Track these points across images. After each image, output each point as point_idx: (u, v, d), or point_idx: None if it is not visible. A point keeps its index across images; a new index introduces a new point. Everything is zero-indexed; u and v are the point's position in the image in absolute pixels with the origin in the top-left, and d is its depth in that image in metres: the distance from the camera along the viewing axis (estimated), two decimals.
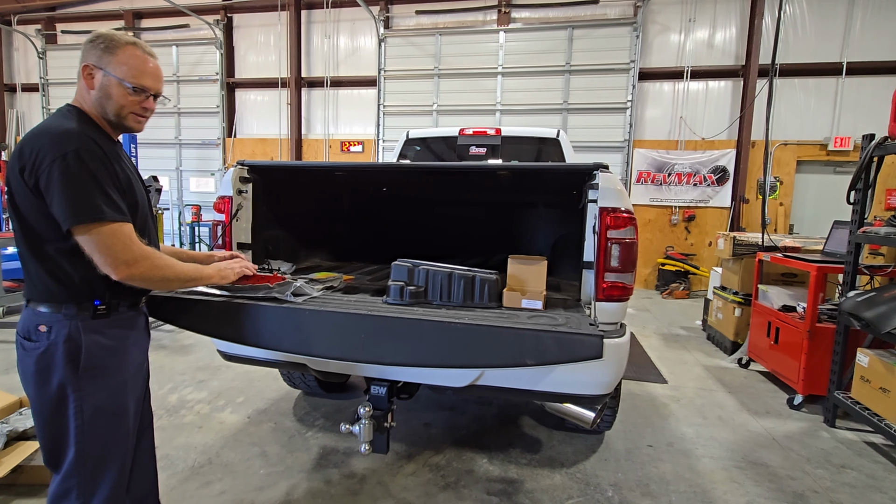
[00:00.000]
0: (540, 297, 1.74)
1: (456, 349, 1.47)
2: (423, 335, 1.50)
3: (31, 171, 1.19)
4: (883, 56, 7.44)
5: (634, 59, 8.16)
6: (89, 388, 1.28)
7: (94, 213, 1.20)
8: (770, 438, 2.98)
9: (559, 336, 1.40)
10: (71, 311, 1.27)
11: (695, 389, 3.76)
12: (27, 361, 1.28)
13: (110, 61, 1.33)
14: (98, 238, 1.21)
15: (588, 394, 1.92)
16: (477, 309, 1.74)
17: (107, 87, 1.33)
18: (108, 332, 1.33)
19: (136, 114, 1.38)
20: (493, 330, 1.44)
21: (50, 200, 1.19)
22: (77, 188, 1.19)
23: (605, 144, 8.42)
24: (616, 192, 1.90)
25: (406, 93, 9.13)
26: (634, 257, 1.96)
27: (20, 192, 1.23)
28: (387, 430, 1.92)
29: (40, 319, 1.27)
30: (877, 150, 2.94)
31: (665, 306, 7.13)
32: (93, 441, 1.30)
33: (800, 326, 3.48)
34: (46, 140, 1.21)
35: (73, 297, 1.28)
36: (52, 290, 1.27)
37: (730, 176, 8.11)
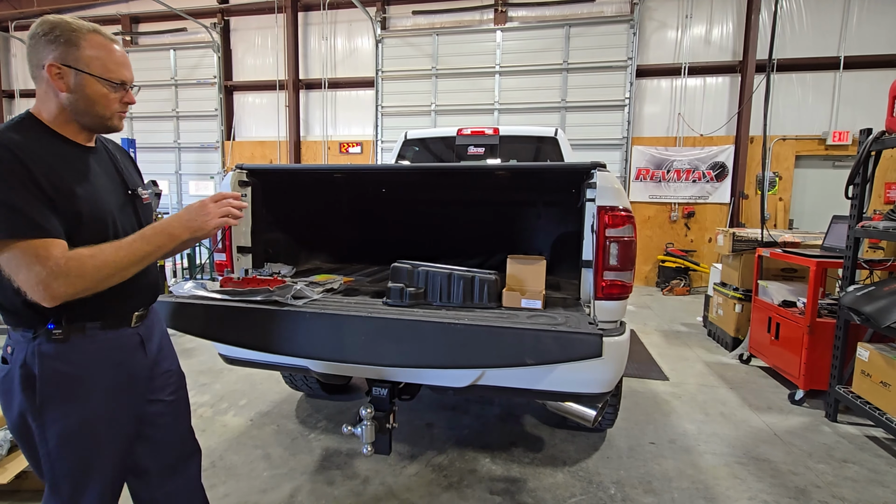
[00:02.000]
0: (539, 296, 1.74)
1: (456, 350, 1.47)
2: (423, 336, 1.51)
3: None
4: (880, 50, 7.44)
5: (632, 57, 8.16)
6: (51, 415, 1.17)
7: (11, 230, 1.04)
8: (772, 434, 2.98)
9: (559, 335, 1.41)
10: (27, 335, 1.16)
11: (696, 386, 3.76)
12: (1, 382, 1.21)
13: (78, 56, 1.15)
14: (6, 257, 1.05)
15: (589, 392, 1.92)
16: (477, 309, 1.75)
17: (84, 87, 1.16)
18: (69, 358, 1.18)
19: (120, 112, 1.24)
20: (492, 330, 1.45)
21: None
22: None
23: (603, 142, 8.42)
24: (614, 190, 1.91)
25: (404, 93, 9.14)
26: (633, 255, 1.97)
27: None
28: (389, 430, 1.93)
29: (9, 341, 1.20)
30: (874, 145, 2.94)
31: (666, 303, 7.13)
32: (62, 468, 1.20)
33: (800, 322, 3.49)
34: None
35: (25, 321, 1.16)
36: (8, 312, 1.17)
37: (729, 172, 8.11)
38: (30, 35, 1.15)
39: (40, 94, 1.19)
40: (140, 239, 1.18)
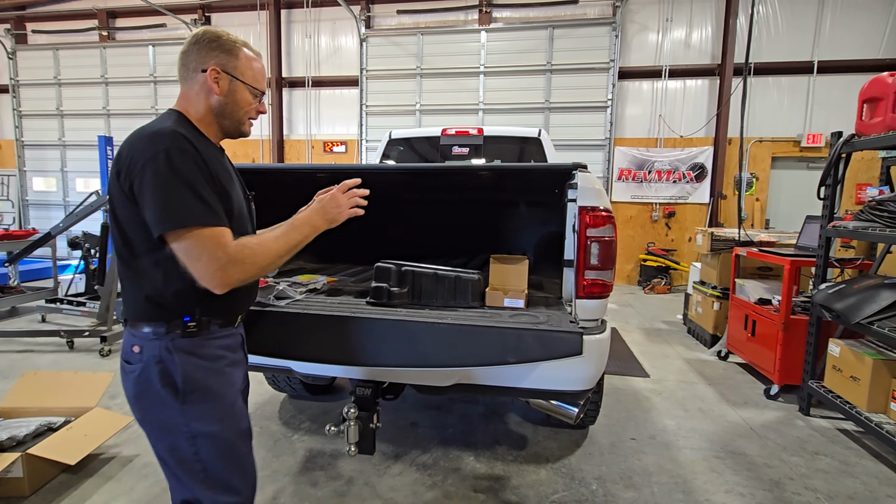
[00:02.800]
0: (522, 295, 1.76)
1: (439, 349, 1.48)
2: (407, 336, 1.51)
3: (126, 175, 1.13)
4: (851, 55, 7.68)
5: (614, 59, 8.27)
6: (196, 413, 1.19)
7: (185, 218, 1.11)
8: (748, 428, 3.07)
9: (540, 334, 1.43)
10: (160, 330, 1.18)
11: (676, 382, 3.84)
12: (127, 385, 1.22)
13: (236, 66, 1.28)
14: (189, 244, 1.11)
15: (570, 390, 1.95)
16: (460, 309, 1.76)
17: (235, 92, 1.28)
18: (202, 352, 1.23)
19: (252, 119, 1.36)
20: (475, 329, 1.46)
21: (142, 205, 1.12)
22: (168, 190, 1.11)
23: (586, 143, 8.53)
24: (595, 191, 1.94)
25: (389, 92, 9.11)
26: (613, 255, 2.00)
27: (118, 200, 1.17)
28: (372, 430, 1.93)
29: (134, 340, 1.20)
30: (844, 147, 3.04)
31: (647, 301, 7.25)
32: (215, 468, 1.22)
33: (775, 319, 3.59)
34: (140, 142, 1.14)
35: (163, 314, 1.19)
36: (143, 306, 1.19)
37: (708, 173, 8.28)
38: (192, 41, 1.27)
39: (189, 95, 1.27)
40: (291, 229, 1.30)
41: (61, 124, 10.49)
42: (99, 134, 8.73)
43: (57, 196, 10.75)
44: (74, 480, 2.37)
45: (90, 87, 10.18)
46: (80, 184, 10.51)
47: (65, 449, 2.30)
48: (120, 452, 2.65)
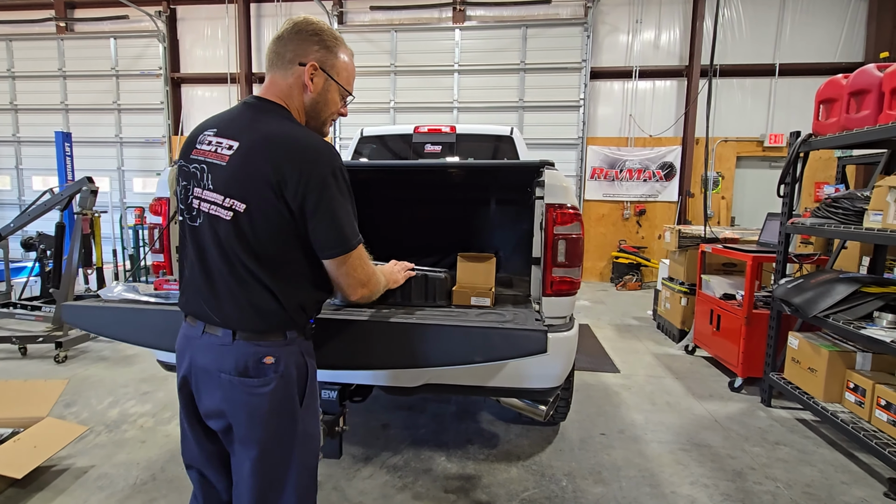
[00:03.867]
0: (489, 294, 1.75)
1: (404, 350, 1.45)
2: (369, 337, 1.48)
3: (298, 189, 1.07)
4: (810, 58, 7.99)
5: (586, 59, 8.38)
6: (306, 416, 1.21)
7: (357, 238, 1.17)
8: (713, 420, 3.14)
9: (505, 332, 1.42)
10: (293, 336, 1.19)
11: (645, 377, 3.91)
12: (256, 402, 1.14)
13: (334, 64, 1.23)
14: (352, 262, 1.17)
15: (538, 387, 1.95)
16: (426, 308, 1.74)
17: (328, 92, 1.23)
18: (313, 352, 1.28)
19: (334, 120, 1.32)
20: (440, 329, 1.44)
21: (314, 224, 1.10)
22: (347, 211, 1.14)
23: (559, 141, 8.62)
24: (562, 188, 1.94)
25: (362, 90, 8.95)
26: (581, 252, 2.01)
27: (270, 211, 1.09)
28: (339, 434, 1.88)
29: (264, 351, 1.14)
30: (802, 147, 3.15)
31: (619, 298, 7.39)
32: (308, 475, 1.24)
33: (738, 313, 3.69)
34: (311, 153, 1.10)
35: (295, 321, 1.18)
36: (277, 316, 1.15)
37: (676, 171, 8.49)
38: (294, 29, 1.19)
39: (283, 86, 1.21)
40: (381, 273, 1.37)
41: (16, 119, 9.97)
42: (56, 130, 8.33)
43: (12, 195, 10.22)
44: (23, 495, 2.24)
45: (47, 81, 9.71)
46: (37, 182, 10.02)
47: (11, 462, 2.17)
48: (73, 464, 2.52)
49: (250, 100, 1.23)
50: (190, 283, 1.23)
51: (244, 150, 1.11)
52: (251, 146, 1.11)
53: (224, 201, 1.11)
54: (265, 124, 1.15)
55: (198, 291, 1.19)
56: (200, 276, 1.18)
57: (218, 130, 1.18)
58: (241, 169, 1.10)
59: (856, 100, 2.74)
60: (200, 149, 1.18)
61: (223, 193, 1.12)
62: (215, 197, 1.13)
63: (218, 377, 1.15)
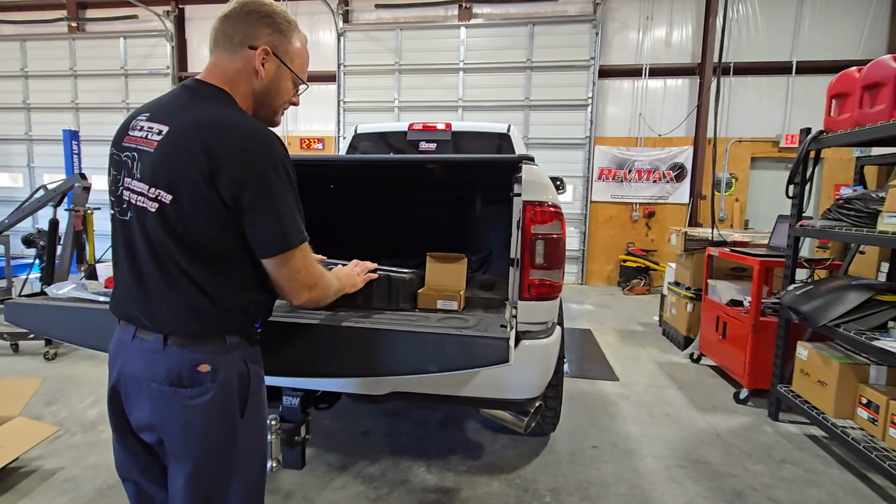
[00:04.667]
0: (456, 297, 1.62)
1: (354, 356, 1.33)
2: (318, 342, 1.36)
3: (233, 180, 0.97)
4: (830, 56, 7.68)
5: (594, 57, 8.19)
6: (248, 429, 1.11)
7: (300, 236, 1.06)
8: (714, 434, 2.96)
9: (462, 339, 1.29)
10: (235, 341, 1.08)
11: (645, 386, 3.73)
12: (190, 415, 1.03)
13: (287, 50, 1.13)
14: (294, 263, 1.06)
15: (514, 398, 1.82)
16: (388, 311, 1.61)
17: (280, 79, 1.13)
18: (260, 359, 1.17)
19: (285, 110, 1.21)
20: (391, 335, 1.31)
21: (252, 218, 1.00)
22: (290, 207, 1.04)
23: (566, 141, 8.43)
24: (540, 185, 1.80)
25: (367, 88, 8.93)
26: (561, 254, 1.87)
27: (199, 203, 0.99)
28: (300, 443, 1.77)
29: (199, 358, 1.04)
30: (812, 144, 2.95)
31: (625, 302, 7.17)
32: (251, 492, 1.14)
33: (745, 321, 3.49)
34: (250, 142, 1.00)
35: (238, 325, 1.09)
36: (215, 319, 1.05)
37: (687, 173, 8.23)
38: (244, 9, 1.09)
39: (229, 71, 1.10)
40: (335, 276, 1.28)
41: (28, 118, 10.13)
42: (64, 129, 8.41)
43: (24, 192, 10.37)
44: None
45: (58, 80, 9.84)
46: (47, 179, 10.15)
47: None
48: (42, 465, 2.46)
49: (189, 82, 1.12)
50: (120, 282, 1.13)
51: (174, 136, 1.01)
52: (182, 131, 1.01)
53: (150, 191, 1.01)
54: (201, 108, 1.04)
55: (128, 292, 1.09)
56: (130, 276, 1.08)
57: (150, 115, 1.08)
58: (168, 156, 1.00)
59: (870, 94, 2.55)
60: (132, 135, 1.08)
61: (149, 183, 1.02)
62: (142, 187, 1.03)
63: (148, 387, 1.05)
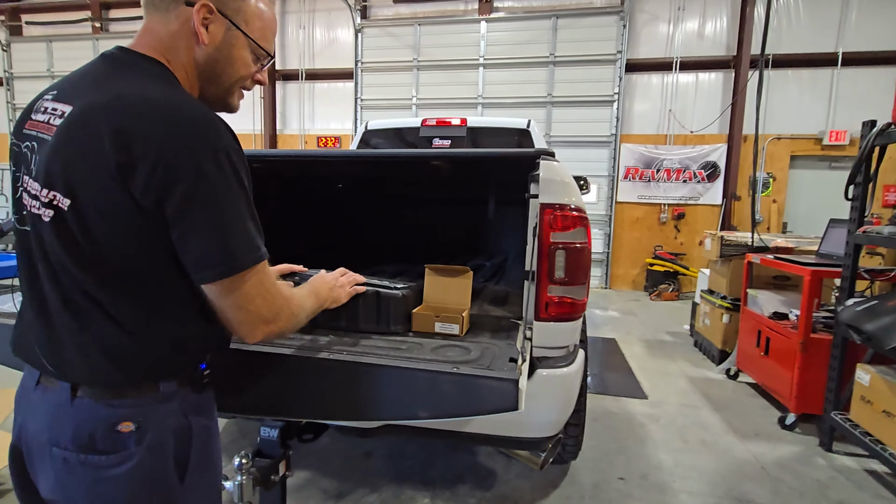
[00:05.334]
0: (458, 319, 1.35)
1: (323, 396, 1.09)
2: (279, 377, 1.12)
3: (152, 179, 0.72)
4: (879, 46, 7.09)
5: (621, 50, 7.78)
6: (194, 496, 0.88)
7: (254, 254, 0.80)
8: (758, 467, 2.62)
9: (458, 380, 1.02)
10: (171, 389, 0.83)
11: (677, 406, 3.39)
12: (105, 490, 0.79)
13: (240, 8, 0.87)
14: (245, 289, 0.80)
15: (527, 437, 1.54)
16: (375, 335, 1.36)
17: (232, 47, 0.88)
18: (209, 408, 0.92)
19: (244, 87, 0.96)
20: (368, 370, 1.06)
21: (182, 231, 0.75)
22: (238, 212, 0.78)
23: (590, 139, 8.05)
24: (561, 184, 1.52)
25: (385, 86, 8.73)
26: (586, 266, 1.58)
27: (108, 209, 0.74)
28: (278, 482, 1.53)
29: (119, 414, 0.79)
30: (879, 139, 2.57)
31: (653, 309, 6.77)
32: None
33: (792, 337, 3.12)
34: (181, 125, 0.75)
35: (173, 368, 0.84)
36: (139, 362, 0.81)
37: (721, 172, 7.75)
38: None
39: (162, 36, 0.85)
40: (311, 293, 1.08)
41: None
42: None
43: None
44: None
45: None
46: None
47: None
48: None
49: (112, 51, 0.87)
50: (23, 313, 0.88)
51: (74, 119, 0.76)
52: (85, 112, 0.76)
53: (43, 194, 0.76)
54: (119, 83, 0.79)
55: (29, 326, 0.85)
56: (31, 305, 0.84)
57: (57, 93, 0.83)
58: (66, 146, 0.75)
59: None
60: (35, 120, 0.82)
61: (42, 183, 0.77)
62: (36, 188, 0.78)
63: (51, 452, 0.79)
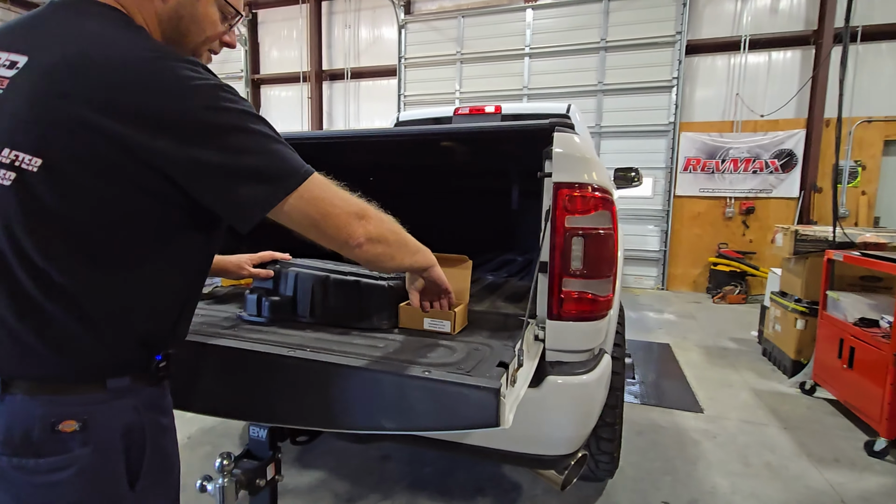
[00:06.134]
0: (449, 315, 1.16)
1: (281, 396, 0.95)
2: (237, 371, 0.99)
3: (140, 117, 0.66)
4: None
5: (681, 31, 7.18)
6: (150, 502, 0.81)
7: (304, 168, 0.77)
8: (837, 499, 2.21)
9: (428, 386, 0.84)
10: (123, 384, 0.75)
11: (738, 422, 2.99)
12: (41, 496, 0.70)
13: None
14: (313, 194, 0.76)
15: (539, 454, 1.32)
16: (355, 331, 1.20)
17: (196, 2, 0.82)
18: (164, 403, 0.84)
19: (212, 51, 0.91)
20: (329, 370, 0.90)
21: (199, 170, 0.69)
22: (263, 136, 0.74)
23: (645, 129, 7.50)
24: (578, 160, 1.29)
25: (427, 81, 8.64)
26: (610, 255, 1.34)
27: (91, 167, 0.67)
28: (265, 487, 1.42)
29: (60, 412, 0.70)
30: None
31: (715, 313, 6.17)
32: None
33: (883, 348, 2.63)
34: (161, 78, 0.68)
35: (129, 360, 0.76)
36: (90, 353, 0.72)
37: (798, 161, 6.95)
38: None
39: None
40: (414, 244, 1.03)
41: None
42: None
43: None
44: None
45: None
46: None
47: None
48: None
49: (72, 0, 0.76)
50: None
51: (37, 67, 0.68)
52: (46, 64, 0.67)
53: (2, 154, 0.67)
54: (80, 29, 0.70)
55: None
56: None
57: (4, 41, 0.73)
58: (30, 98, 0.67)
59: None
60: None
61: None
62: None
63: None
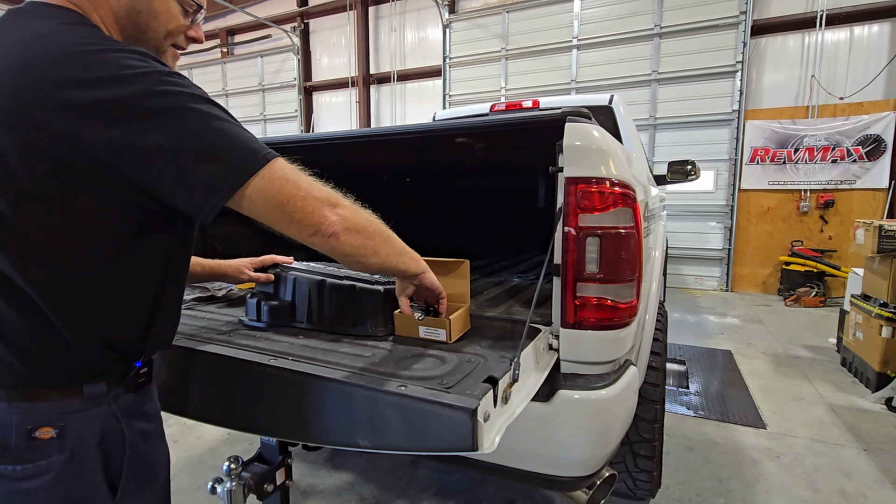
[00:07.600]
0: (443, 323, 1.08)
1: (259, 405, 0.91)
2: (224, 380, 0.97)
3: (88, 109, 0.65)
4: None
5: (745, 11, 6.60)
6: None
7: (264, 152, 0.73)
8: None
9: (400, 403, 0.77)
10: (99, 391, 0.75)
11: (808, 441, 2.66)
12: (17, 503, 0.71)
13: None
14: (282, 176, 0.73)
15: (553, 475, 1.21)
16: (347, 338, 1.15)
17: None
18: (147, 410, 0.83)
19: (178, 47, 0.87)
20: (306, 381, 0.85)
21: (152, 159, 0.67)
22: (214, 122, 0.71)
23: (706, 118, 6.97)
24: (593, 151, 1.17)
25: (472, 79, 8.54)
26: (633, 258, 1.20)
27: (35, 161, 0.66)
28: (274, 492, 1.41)
29: (35, 420, 0.71)
30: None
31: (787, 317, 5.62)
32: None
33: None
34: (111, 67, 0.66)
35: (102, 367, 0.75)
36: (57, 360, 0.72)
37: (887, 147, 6.17)
38: None
39: None
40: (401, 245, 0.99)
41: None
42: None
43: None
44: None
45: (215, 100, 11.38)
46: None
47: None
48: None
49: (21, 6, 0.76)
50: None
51: None
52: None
53: None
54: (27, 30, 0.70)
55: None
56: None
57: None
58: None
59: None
60: None
61: None
62: None
63: None
